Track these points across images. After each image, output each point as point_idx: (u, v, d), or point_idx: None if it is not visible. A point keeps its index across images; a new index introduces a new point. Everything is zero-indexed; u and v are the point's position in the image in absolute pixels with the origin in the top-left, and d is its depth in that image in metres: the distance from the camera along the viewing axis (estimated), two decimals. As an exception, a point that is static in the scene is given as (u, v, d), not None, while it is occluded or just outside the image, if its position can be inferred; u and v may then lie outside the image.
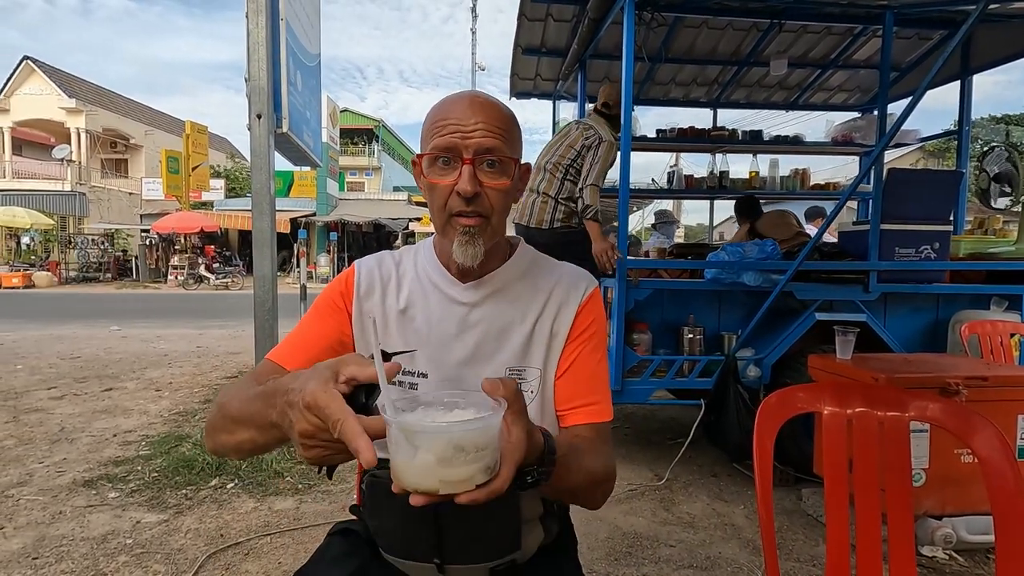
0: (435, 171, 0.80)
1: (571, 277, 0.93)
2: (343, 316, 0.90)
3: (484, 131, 0.77)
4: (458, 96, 0.82)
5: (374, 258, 0.96)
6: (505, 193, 0.81)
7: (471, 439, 0.54)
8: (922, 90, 2.09)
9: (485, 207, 0.79)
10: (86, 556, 1.97)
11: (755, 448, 1.10)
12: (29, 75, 21.59)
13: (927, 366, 2.22)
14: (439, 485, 0.53)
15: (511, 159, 0.80)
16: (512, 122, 0.82)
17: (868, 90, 4.52)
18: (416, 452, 0.53)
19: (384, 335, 0.90)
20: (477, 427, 0.54)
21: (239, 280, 16.59)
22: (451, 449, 0.52)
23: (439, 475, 0.53)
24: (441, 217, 0.82)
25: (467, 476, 0.54)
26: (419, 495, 0.54)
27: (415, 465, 0.53)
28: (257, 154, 3.04)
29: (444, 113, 0.79)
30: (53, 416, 3.62)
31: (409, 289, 0.91)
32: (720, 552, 2.10)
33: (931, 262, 2.76)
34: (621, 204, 2.69)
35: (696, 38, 3.83)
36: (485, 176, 0.79)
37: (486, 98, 0.81)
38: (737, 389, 2.63)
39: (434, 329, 0.88)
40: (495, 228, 0.83)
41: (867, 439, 1.10)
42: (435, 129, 0.79)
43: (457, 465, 0.53)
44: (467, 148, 0.77)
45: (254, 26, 2.92)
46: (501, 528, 0.85)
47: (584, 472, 0.77)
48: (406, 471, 0.54)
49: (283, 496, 2.47)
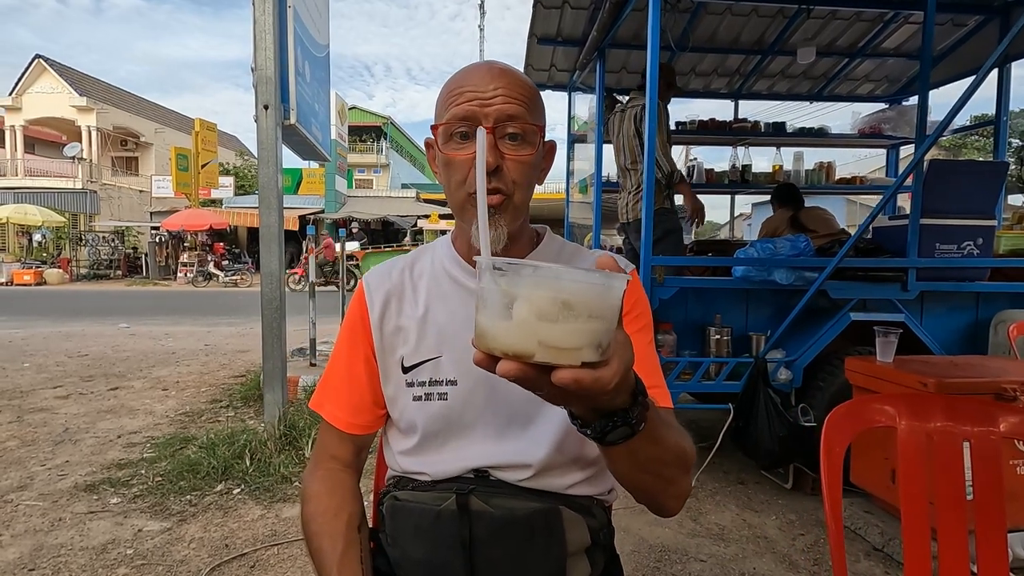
0: (452, 144, 0.72)
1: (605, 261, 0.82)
2: (367, 339, 0.83)
3: (505, 97, 0.69)
4: (475, 65, 0.74)
5: (383, 268, 0.88)
6: (529, 166, 0.72)
7: (584, 297, 0.41)
8: (982, 75, 1.93)
9: (507, 182, 0.71)
10: (84, 568, 1.87)
11: (823, 467, 0.98)
12: (41, 74, 21.72)
13: (976, 370, 2.08)
14: (536, 348, 0.41)
15: (535, 126, 0.72)
16: (534, 90, 0.74)
17: (897, 80, 4.35)
18: (513, 304, 0.41)
19: (406, 345, 0.81)
20: (595, 283, 0.42)
21: (248, 277, 16.59)
22: (557, 303, 0.41)
23: (538, 334, 0.41)
24: (459, 195, 0.73)
25: (573, 344, 0.42)
26: (509, 361, 0.42)
27: (511, 319, 0.42)
28: (264, 146, 2.93)
29: (460, 82, 0.72)
30: (57, 416, 3.54)
31: (427, 291, 0.82)
32: (755, 568, 1.97)
33: (975, 259, 2.60)
34: (646, 196, 2.55)
35: (719, 25, 3.68)
36: (507, 147, 0.71)
37: (505, 65, 0.74)
38: (767, 393, 2.48)
39: (459, 330, 0.78)
40: (518, 207, 0.73)
41: (952, 457, 0.97)
42: (451, 99, 0.71)
43: (563, 323, 0.41)
44: (486, 116, 0.69)
45: (260, 13, 2.81)
46: (544, 562, 0.74)
47: (674, 443, 0.63)
48: (496, 327, 0.42)
49: (291, 503, 2.37)
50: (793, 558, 2.03)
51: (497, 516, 0.73)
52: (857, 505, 2.26)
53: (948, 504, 0.96)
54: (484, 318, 0.44)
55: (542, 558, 0.73)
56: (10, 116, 21.81)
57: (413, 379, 0.80)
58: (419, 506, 0.76)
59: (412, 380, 0.80)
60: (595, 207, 4.02)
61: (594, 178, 4.01)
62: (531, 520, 0.73)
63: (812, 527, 2.26)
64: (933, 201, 2.59)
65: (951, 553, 0.94)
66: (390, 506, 0.79)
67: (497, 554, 0.73)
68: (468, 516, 0.73)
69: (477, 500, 0.74)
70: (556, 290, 0.41)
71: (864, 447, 2.16)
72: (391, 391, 0.82)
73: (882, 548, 2.06)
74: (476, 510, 0.74)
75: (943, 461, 0.97)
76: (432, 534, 0.75)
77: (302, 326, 5.54)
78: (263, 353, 3.03)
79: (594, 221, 4.08)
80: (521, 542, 0.74)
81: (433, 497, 0.76)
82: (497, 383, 0.75)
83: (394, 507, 0.78)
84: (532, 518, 0.74)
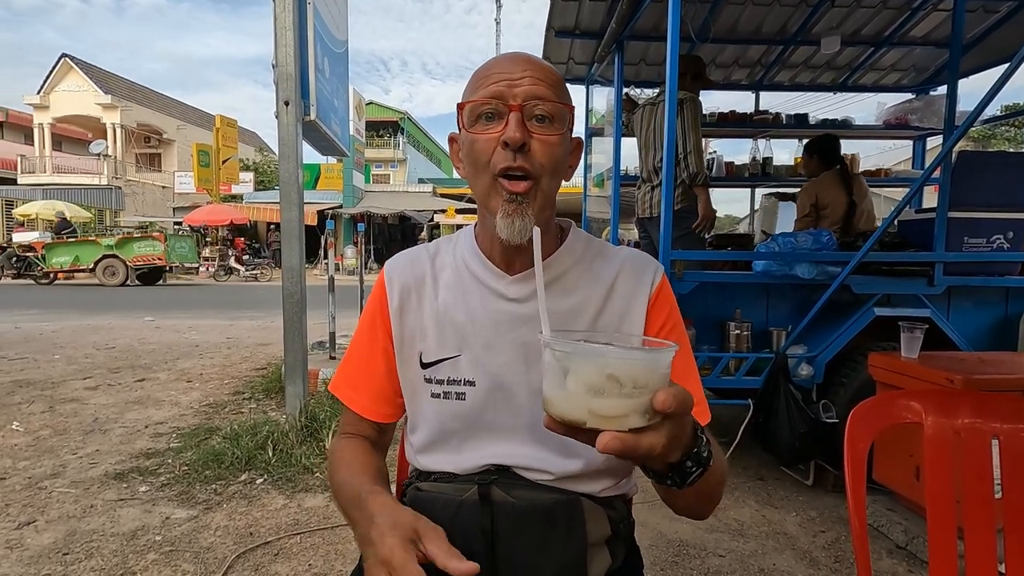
0: (478, 125, 0.72)
1: (634, 264, 0.82)
2: (386, 330, 0.83)
3: (533, 79, 0.71)
4: (503, 54, 0.76)
5: (405, 257, 0.87)
6: (557, 147, 0.72)
7: (629, 371, 0.46)
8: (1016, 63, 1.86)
9: (535, 164, 0.70)
10: (115, 553, 1.93)
11: (847, 463, 0.96)
12: (67, 72, 22.22)
13: (1006, 366, 2.03)
14: (587, 416, 0.47)
15: (564, 106, 0.72)
16: (561, 77, 0.75)
17: (924, 69, 4.24)
18: (567, 376, 0.48)
19: (424, 340, 0.81)
20: (638, 359, 0.48)
21: (268, 272, 16.83)
22: (603, 377, 0.46)
23: (588, 404, 0.47)
24: (484, 179, 0.72)
25: (620, 412, 0.47)
26: (564, 426, 0.49)
27: (565, 390, 0.48)
28: (285, 143, 2.96)
29: (488, 68, 0.74)
30: (87, 406, 3.64)
31: (447, 285, 0.81)
32: (775, 564, 1.96)
33: (1005, 253, 2.53)
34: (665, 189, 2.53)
35: (740, 15, 3.62)
36: (535, 128, 0.70)
37: (531, 55, 0.75)
38: (788, 389, 2.45)
39: (478, 329, 0.78)
40: (547, 194, 0.73)
41: (980, 455, 0.95)
42: (479, 82, 0.73)
43: (609, 397, 0.46)
44: (515, 96, 0.70)
45: (281, 10, 2.84)
46: (565, 552, 0.74)
47: (719, 464, 0.65)
48: (555, 396, 0.49)
49: (313, 493, 2.41)
50: (814, 555, 2.02)
51: (518, 507, 0.74)
52: (880, 503, 2.23)
53: (976, 502, 0.94)
54: (546, 387, 0.50)
55: (563, 549, 0.74)
56: (38, 114, 22.38)
57: (432, 376, 0.80)
58: (441, 496, 0.76)
59: (431, 377, 0.80)
60: (613, 201, 3.99)
61: (612, 172, 3.98)
62: (552, 511, 0.74)
63: (833, 524, 2.23)
64: (961, 194, 2.53)
65: (978, 552, 0.93)
66: (412, 497, 0.80)
67: (518, 544, 0.74)
68: (490, 507, 0.74)
69: (499, 491, 0.75)
70: (601, 366, 0.46)
71: (888, 444, 2.13)
72: (409, 384, 0.82)
73: (905, 546, 2.03)
74: (498, 501, 0.74)
75: (971, 458, 0.96)
76: (454, 524, 0.75)
77: (322, 320, 5.62)
78: (284, 346, 3.08)
79: (612, 215, 4.06)
80: (542, 533, 0.74)
81: (455, 488, 0.76)
82: (515, 388, 0.77)
83: (416, 498, 0.79)
84: (553, 509, 0.74)
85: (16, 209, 17.80)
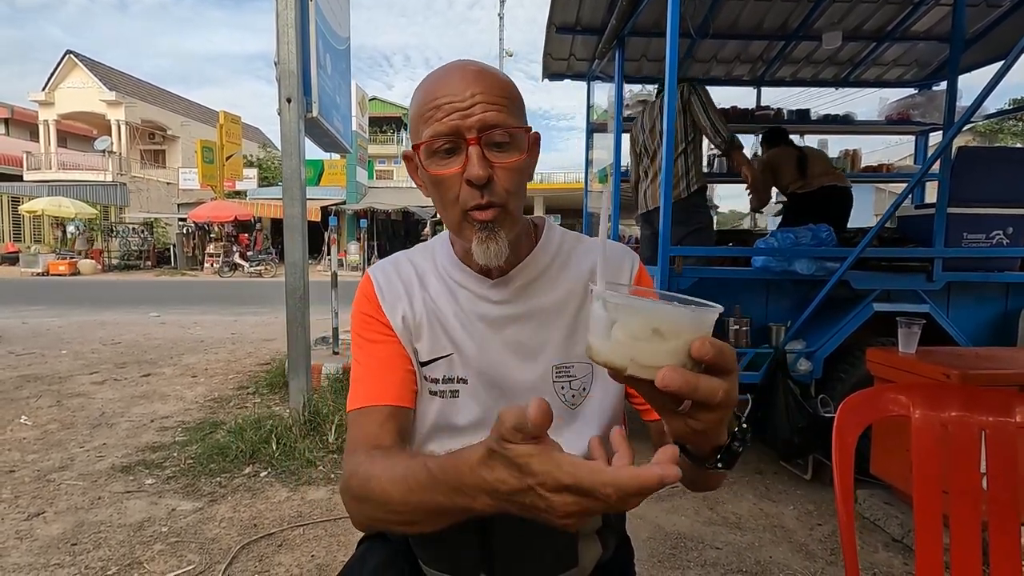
0: (436, 161, 0.69)
1: (610, 256, 0.83)
2: (384, 327, 0.81)
3: (484, 103, 0.67)
4: (445, 70, 0.71)
5: (389, 261, 0.86)
6: (519, 171, 0.71)
7: (673, 323, 0.48)
8: (1012, 58, 1.87)
9: (499, 193, 0.69)
10: (123, 543, 1.97)
11: (835, 454, 0.99)
12: (72, 69, 22.27)
13: (1003, 362, 2.04)
14: (628, 364, 0.49)
15: (520, 129, 0.70)
16: (512, 87, 0.71)
17: (926, 64, 4.22)
18: (614, 326, 0.50)
19: (419, 340, 0.81)
20: (683, 314, 0.48)
21: (272, 268, 16.89)
22: (649, 330, 0.48)
23: (631, 353, 0.49)
24: (453, 214, 0.71)
25: (659, 362, 0.48)
26: (610, 369, 0.51)
27: (611, 339, 0.50)
28: (287, 139, 2.99)
29: (433, 93, 0.69)
30: (94, 401, 3.69)
31: (434, 289, 0.82)
32: (771, 556, 1.98)
33: (1005, 248, 2.54)
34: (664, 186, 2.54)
35: (741, 11, 3.61)
36: (495, 156, 0.68)
37: (478, 66, 0.70)
38: (787, 384, 2.47)
39: (468, 330, 0.79)
40: (514, 215, 0.72)
41: (967, 447, 0.97)
42: (428, 113, 0.68)
43: (650, 344, 0.48)
44: (469, 128, 0.66)
45: (283, 7, 2.85)
46: (556, 541, 0.76)
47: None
48: (601, 344, 0.51)
49: (316, 486, 2.45)
50: (810, 548, 2.04)
51: None
52: (877, 496, 2.25)
53: (962, 494, 0.96)
54: (592, 336, 0.52)
55: (554, 539, 0.75)
56: (43, 111, 22.45)
57: (428, 374, 0.80)
58: None
59: (427, 375, 0.80)
60: (614, 197, 4.00)
61: (613, 167, 3.99)
62: None
63: (830, 518, 2.25)
64: (961, 189, 2.53)
65: (963, 542, 0.95)
66: None
67: (511, 534, 0.75)
68: None
69: None
70: (648, 319, 0.48)
71: (884, 438, 2.14)
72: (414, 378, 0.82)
73: (901, 539, 2.05)
74: None
75: (958, 451, 0.97)
76: None
77: (325, 315, 5.65)
78: (288, 341, 3.11)
79: (612, 211, 4.06)
80: (533, 522, 0.76)
81: (451, 478, 0.79)
82: (507, 385, 0.78)
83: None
84: None
85: (22, 206, 17.91)
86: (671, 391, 0.46)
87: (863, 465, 2.24)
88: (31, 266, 16.31)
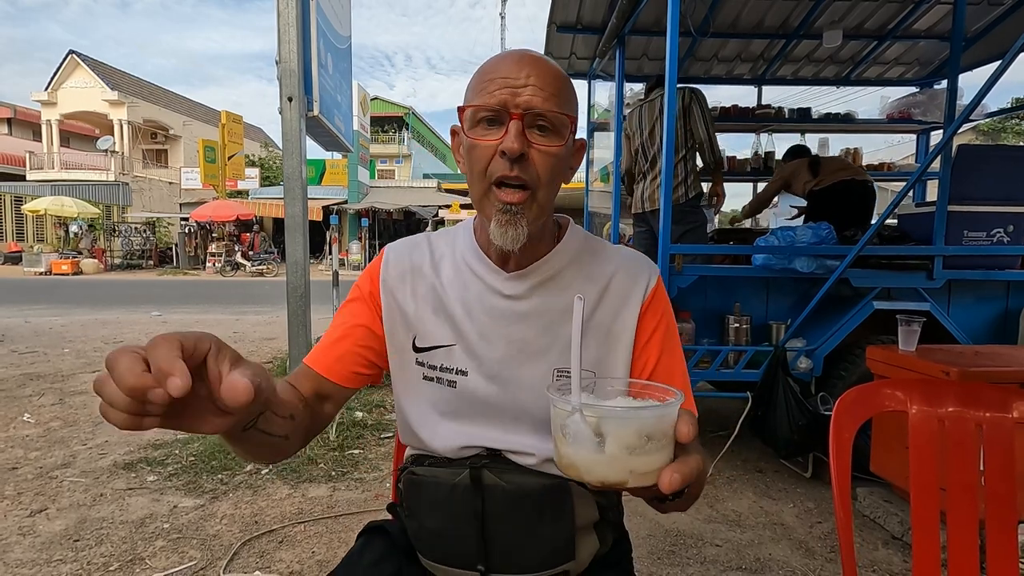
0: (478, 129, 0.71)
1: (630, 266, 0.82)
2: (371, 305, 0.83)
3: (535, 87, 0.68)
4: (507, 52, 0.73)
5: (407, 242, 0.87)
6: (557, 158, 0.71)
7: (658, 426, 0.49)
8: (1010, 57, 1.87)
9: (531, 174, 0.69)
10: (125, 540, 1.98)
11: (832, 450, 0.99)
12: (74, 69, 22.31)
13: (1002, 359, 2.04)
14: (628, 477, 0.49)
15: (566, 117, 0.71)
16: (566, 80, 0.73)
17: (928, 63, 4.22)
18: (604, 441, 0.49)
19: (419, 324, 0.81)
20: (665, 414, 0.50)
21: (274, 267, 16.92)
22: (642, 437, 0.49)
23: (630, 465, 0.49)
24: (480, 185, 0.72)
25: (656, 467, 0.49)
26: (606, 487, 0.51)
27: (604, 455, 0.49)
28: (288, 138, 3.00)
29: (492, 70, 0.71)
30: (96, 399, 3.69)
31: (446, 276, 0.82)
32: (770, 553, 1.98)
33: (1006, 246, 2.53)
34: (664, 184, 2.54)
35: (742, 9, 3.61)
36: (535, 137, 0.69)
37: (538, 54, 0.73)
38: (787, 382, 2.47)
39: (474, 322, 0.79)
40: (541, 204, 0.72)
41: (964, 443, 0.97)
42: (482, 85, 0.71)
43: (647, 454, 0.49)
44: (516, 105, 0.68)
45: (284, 6, 2.86)
46: (554, 534, 0.77)
47: (698, 466, 0.68)
48: (592, 461, 0.50)
49: (316, 483, 2.45)
50: (810, 545, 2.04)
51: (509, 490, 0.76)
52: (877, 494, 2.25)
53: (959, 490, 0.97)
54: (575, 452, 0.50)
55: (551, 532, 0.76)
56: (46, 111, 22.50)
57: (424, 360, 0.81)
58: (435, 480, 0.79)
59: (423, 361, 0.81)
60: (614, 196, 4.00)
61: (614, 166, 3.99)
62: (541, 495, 0.76)
63: (830, 515, 2.25)
64: (962, 187, 2.53)
65: (960, 539, 0.95)
66: (408, 480, 0.82)
67: (508, 526, 0.76)
68: (481, 490, 0.76)
69: (490, 475, 0.77)
70: (638, 427, 0.48)
71: (884, 436, 2.15)
72: (398, 361, 0.82)
73: (901, 537, 2.06)
74: (489, 484, 0.77)
75: (955, 447, 0.98)
76: (447, 506, 0.78)
77: (326, 315, 5.66)
78: (289, 340, 3.12)
79: (613, 210, 4.07)
80: (531, 515, 0.76)
81: (448, 472, 0.79)
82: (508, 381, 0.78)
83: (411, 481, 0.81)
84: (542, 493, 0.76)
85: (25, 205, 17.96)
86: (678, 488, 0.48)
87: (863, 463, 2.24)
88: (34, 265, 16.35)
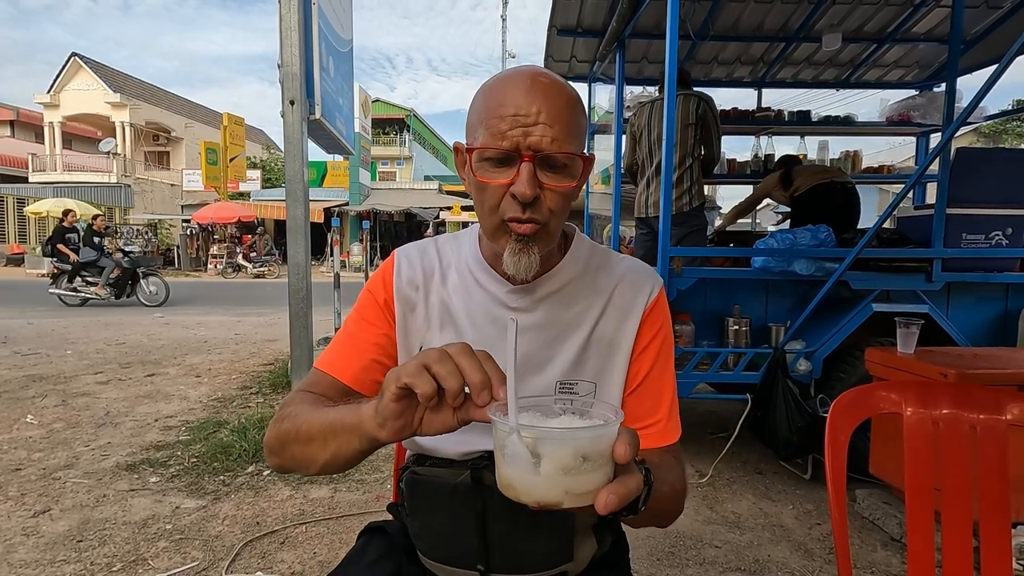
0: (486, 168, 0.68)
1: (634, 277, 0.83)
2: (387, 313, 0.83)
3: (547, 124, 0.65)
4: (515, 76, 0.68)
5: (418, 247, 0.87)
6: (567, 196, 0.70)
7: (596, 447, 0.49)
8: (1007, 60, 1.89)
9: (543, 212, 0.68)
10: (127, 540, 2.00)
11: (827, 451, 1.00)
12: (77, 71, 22.41)
13: (1001, 361, 2.05)
14: (564, 497, 0.49)
15: (577, 156, 0.68)
16: (578, 107, 0.69)
17: (927, 65, 4.23)
18: (540, 461, 0.48)
19: (428, 330, 0.82)
20: (602, 434, 0.50)
21: (275, 269, 16.95)
22: (578, 458, 0.48)
23: (565, 486, 0.49)
24: (492, 221, 0.71)
25: (593, 487, 0.49)
26: (542, 507, 0.50)
27: (540, 475, 0.49)
28: (290, 141, 3.02)
29: (499, 98, 0.67)
30: (99, 400, 3.72)
31: (452, 285, 0.82)
32: (769, 555, 1.99)
33: (1004, 249, 2.54)
34: (665, 185, 2.56)
35: (742, 13, 3.63)
36: (547, 177, 0.67)
37: (549, 79, 0.68)
38: (786, 384, 2.48)
39: (477, 332, 0.80)
40: (552, 233, 0.72)
41: (958, 444, 0.98)
42: (489, 121, 0.67)
43: (583, 475, 0.48)
44: (528, 147, 0.65)
45: (286, 10, 2.88)
46: (552, 536, 0.78)
47: (670, 490, 0.69)
48: (529, 482, 0.49)
49: (318, 484, 2.47)
50: (809, 547, 2.05)
51: None
52: (876, 496, 2.26)
53: (953, 491, 0.98)
54: (512, 472, 0.50)
55: (550, 532, 0.77)
56: (48, 113, 22.60)
57: None
58: (436, 480, 0.80)
59: None
60: (615, 199, 4.02)
61: (615, 168, 4.01)
62: None
63: (829, 517, 2.26)
64: (960, 190, 2.54)
65: (954, 539, 0.96)
66: (409, 480, 0.83)
67: (508, 527, 0.77)
68: (482, 490, 0.77)
69: (491, 476, 0.78)
70: (575, 448, 0.48)
71: (883, 437, 2.15)
72: None
73: (900, 538, 2.06)
74: (489, 484, 0.77)
75: (949, 448, 0.99)
76: (448, 506, 0.79)
77: (327, 316, 5.68)
78: (291, 341, 3.14)
79: (613, 212, 4.09)
80: (530, 516, 0.78)
81: (450, 472, 0.80)
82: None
83: (413, 481, 0.82)
84: None
85: (27, 207, 18.01)
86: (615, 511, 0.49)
87: (863, 465, 2.25)
88: (36, 267, 16.39)
